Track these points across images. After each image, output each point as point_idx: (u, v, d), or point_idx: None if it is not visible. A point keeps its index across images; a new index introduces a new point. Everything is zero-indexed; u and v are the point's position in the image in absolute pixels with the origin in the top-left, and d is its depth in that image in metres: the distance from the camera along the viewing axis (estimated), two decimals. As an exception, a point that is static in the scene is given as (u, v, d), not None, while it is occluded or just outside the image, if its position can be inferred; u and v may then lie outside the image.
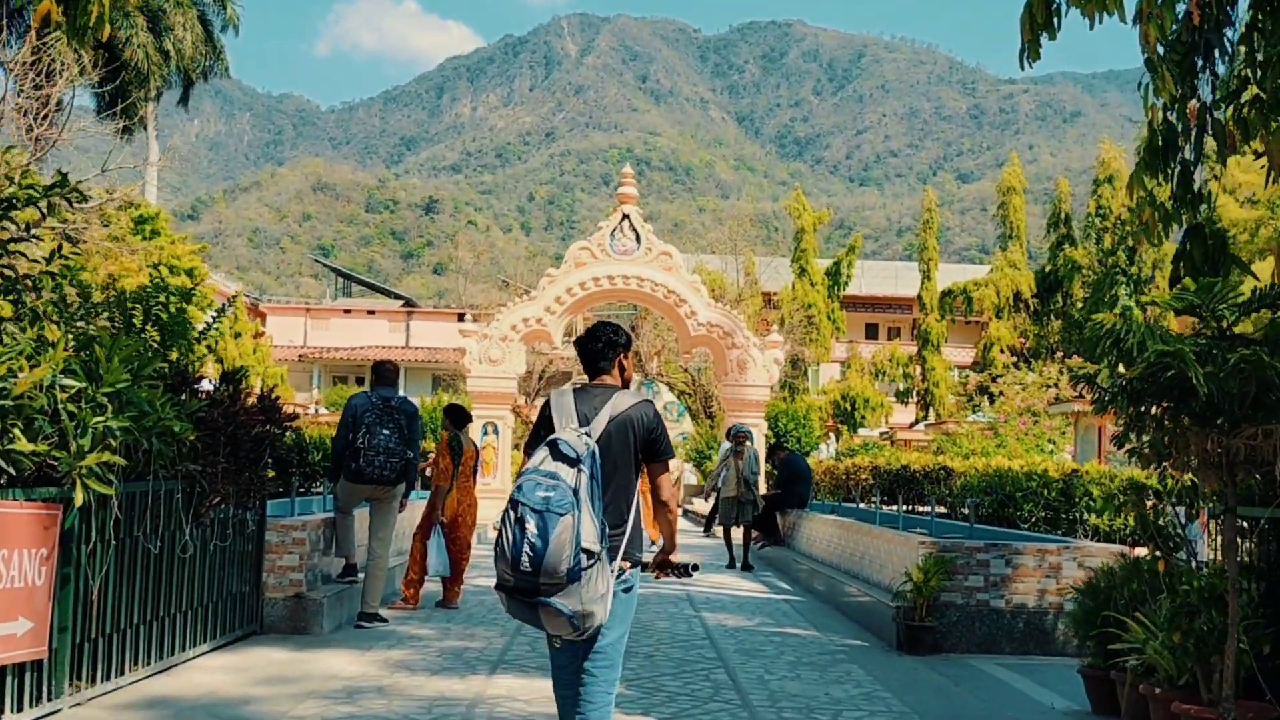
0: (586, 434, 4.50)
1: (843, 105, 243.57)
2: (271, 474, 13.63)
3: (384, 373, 9.92)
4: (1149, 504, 6.92)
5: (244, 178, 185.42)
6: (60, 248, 6.89)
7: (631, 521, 4.64)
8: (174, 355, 8.61)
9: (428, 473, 11.18)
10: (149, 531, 6.92)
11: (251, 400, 8.30)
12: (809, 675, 7.84)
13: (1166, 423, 5.24)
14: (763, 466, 17.56)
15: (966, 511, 18.45)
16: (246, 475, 8.07)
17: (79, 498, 5.86)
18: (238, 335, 44.94)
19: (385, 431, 9.44)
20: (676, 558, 4.89)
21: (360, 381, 57.77)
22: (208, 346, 30.79)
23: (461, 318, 49.00)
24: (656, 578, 4.97)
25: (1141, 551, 17.05)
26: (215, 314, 8.76)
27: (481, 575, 13.70)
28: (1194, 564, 6.01)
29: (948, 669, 8.30)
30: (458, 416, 11.09)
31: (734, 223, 51.75)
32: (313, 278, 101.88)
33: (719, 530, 21.51)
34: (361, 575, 9.84)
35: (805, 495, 17.35)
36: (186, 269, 37.28)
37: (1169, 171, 5.77)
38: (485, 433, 23.17)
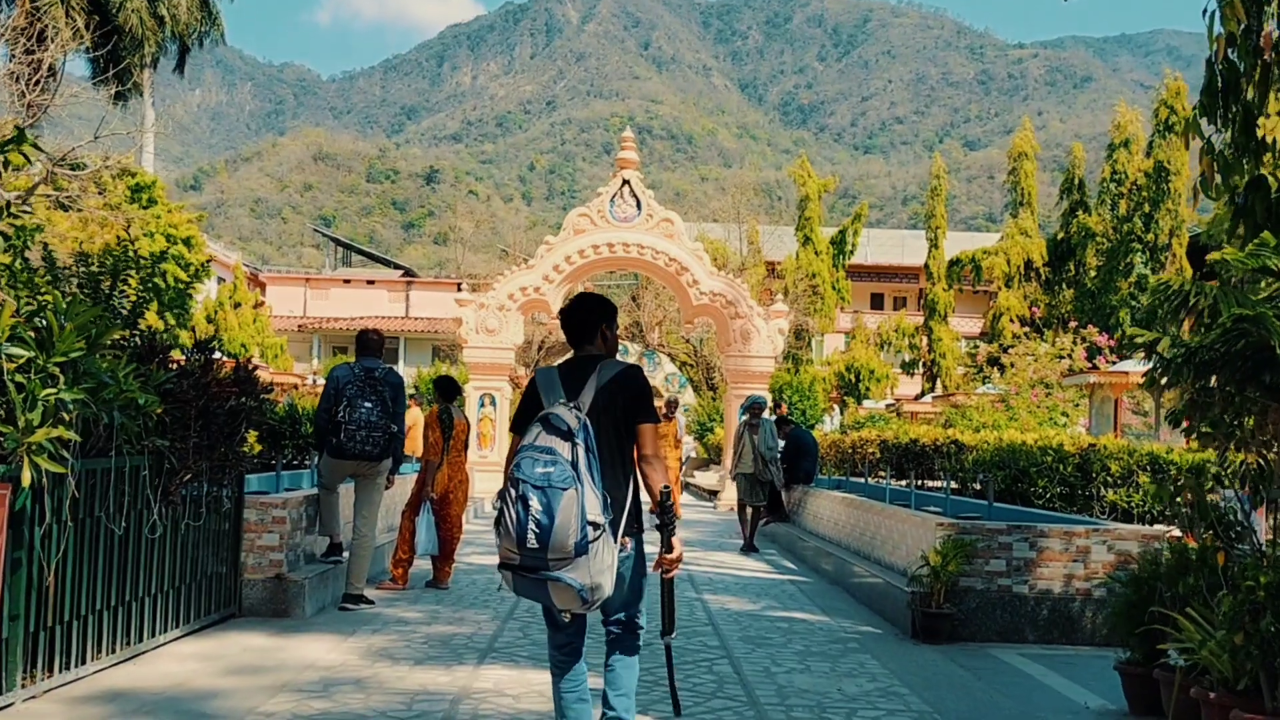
0: (576, 407, 4.50)
1: (848, 71, 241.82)
2: (257, 446, 13.18)
3: (368, 342, 9.35)
4: (1171, 480, 6.40)
5: (245, 147, 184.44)
6: (8, 205, 6.34)
7: (630, 491, 4.66)
8: (146, 323, 8.12)
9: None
10: (112, 511, 6.41)
11: (226, 371, 7.77)
12: (819, 667, 7.34)
13: (1236, 398, 4.70)
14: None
15: (979, 487, 17.98)
16: (221, 450, 7.56)
17: (26, 477, 5.36)
18: (237, 305, 44.65)
19: (367, 405, 8.90)
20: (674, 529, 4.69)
21: (360, 352, 57.24)
22: (207, 316, 30.17)
23: (460, 288, 48.79)
24: (669, 574, 4.70)
25: (1160, 528, 16.57)
26: (187, 282, 8.16)
27: (475, 553, 13.25)
28: (1259, 557, 5.45)
29: (968, 660, 7.80)
30: (448, 389, 10.57)
31: (737, 191, 51.04)
32: (314, 248, 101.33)
33: (729, 500, 20.79)
34: (346, 555, 9.35)
35: (811, 471, 16.81)
36: (184, 238, 36.84)
37: (1229, 116, 5.20)
38: (482, 404, 22.68)
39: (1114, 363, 27.17)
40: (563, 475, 4.25)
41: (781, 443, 16.20)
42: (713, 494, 24.73)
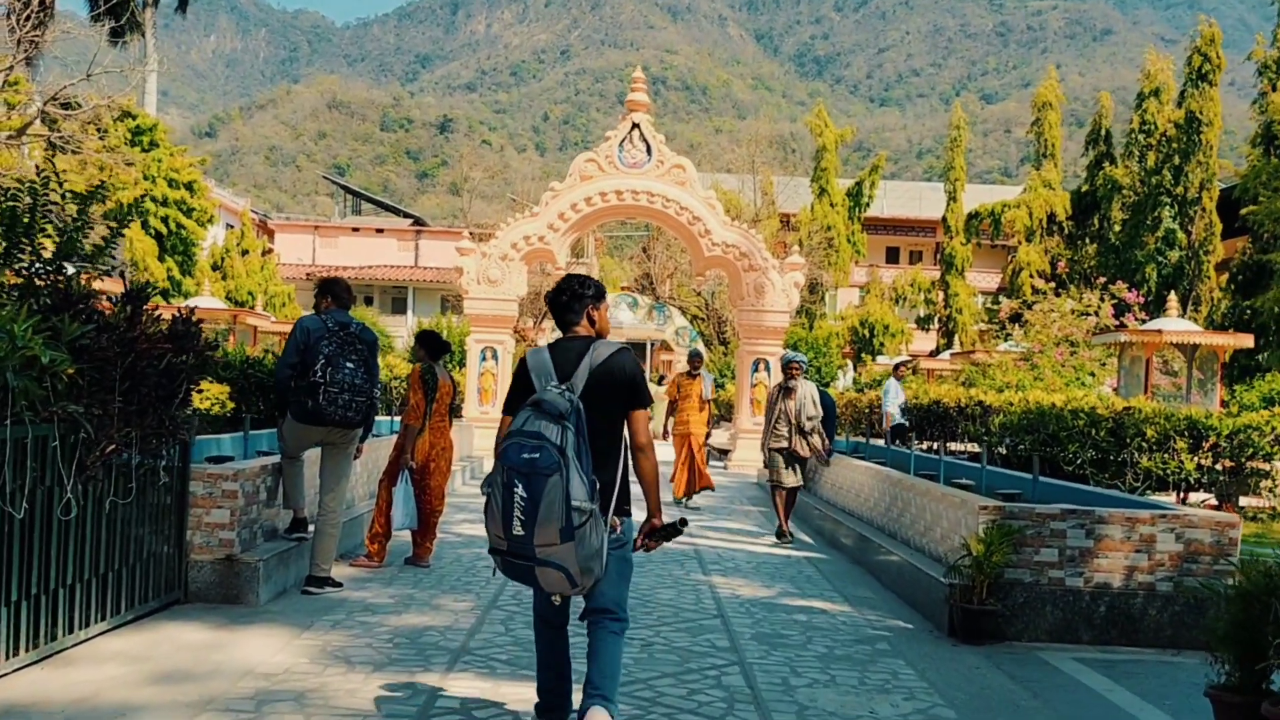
0: (568, 389, 4.48)
1: (864, 22, 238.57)
2: (229, 404, 12.15)
3: (339, 292, 8.19)
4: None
5: (260, 95, 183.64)
6: None
7: (621, 474, 4.62)
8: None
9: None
10: (9, 489, 5.36)
11: (163, 325, 6.69)
12: (846, 677, 6.28)
13: None
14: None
15: (1005, 451, 16.94)
16: (154, 416, 6.50)
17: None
18: (245, 252, 43.69)
19: (349, 365, 7.77)
20: (661, 520, 4.80)
21: (369, 302, 56.39)
22: (213, 263, 29.28)
23: (471, 237, 47.85)
24: (649, 550, 4.81)
25: (1195, 497, 15.40)
26: (119, 219, 7.04)
27: (465, 521, 12.25)
28: None
29: (1019, 669, 6.74)
30: (433, 345, 9.48)
31: (751, 142, 49.75)
32: (328, 196, 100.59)
33: (740, 460, 19.50)
34: (313, 530, 8.30)
35: (830, 434, 15.63)
36: (186, 182, 35.83)
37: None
38: (484, 358, 21.64)
39: (1143, 320, 26.04)
40: (548, 460, 4.23)
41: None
42: (723, 453, 23.68)
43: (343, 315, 8.06)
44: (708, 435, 15.62)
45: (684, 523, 4.82)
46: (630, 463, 4.75)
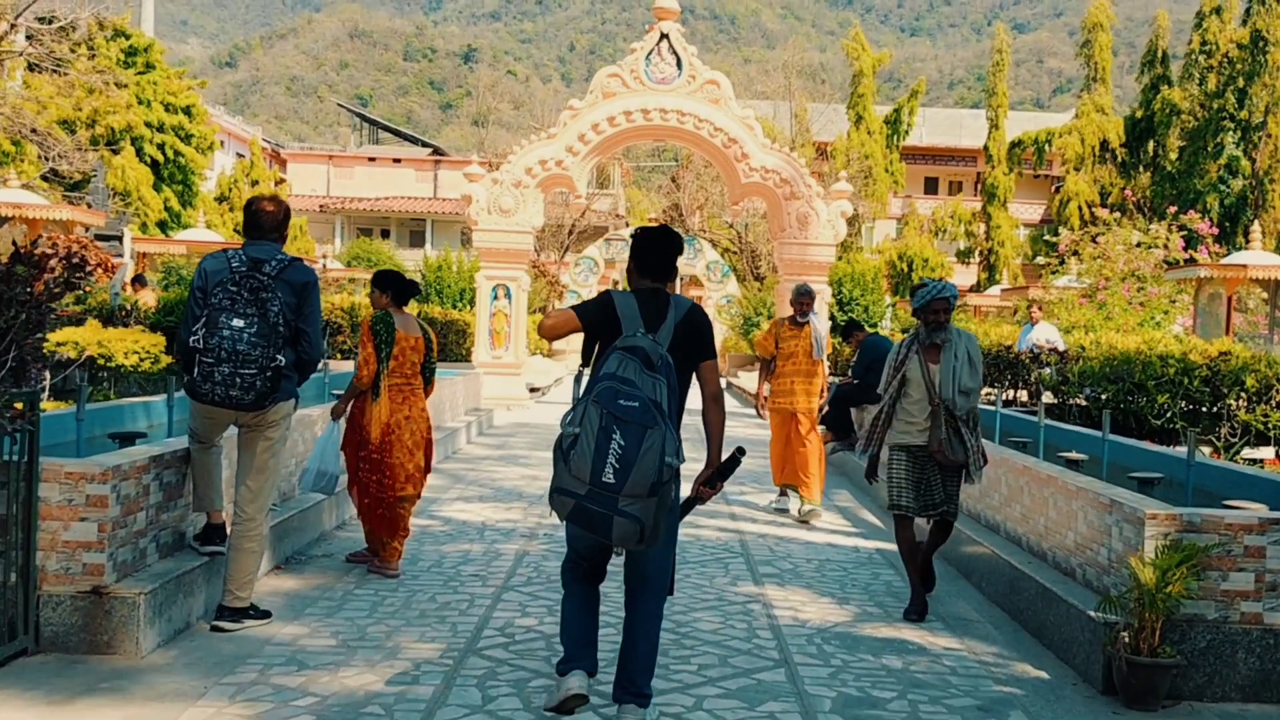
0: (656, 341, 4.36)
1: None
2: (165, 359, 10.06)
3: (258, 217, 5.87)
4: None
5: (281, 24, 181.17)
6: None
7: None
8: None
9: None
10: None
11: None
12: (986, 793, 4.16)
13: None
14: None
15: (1083, 403, 14.81)
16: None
17: None
18: (255, 183, 41.74)
19: (237, 322, 5.48)
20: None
21: (386, 235, 54.32)
22: (219, 195, 27.22)
23: (492, 168, 45.61)
24: (707, 497, 4.64)
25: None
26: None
27: (459, 499, 10.09)
28: None
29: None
30: (399, 288, 7.30)
31: (786, 66, 47.29)
32: (350, 128, 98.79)
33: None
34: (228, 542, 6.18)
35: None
36: (184, 106, 33.67)
37: None
38: (495, 296, 19.53)
39: (1217, 255, 23.69)
40: (646, 413, 4.09)
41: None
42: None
43: (262, 249, 5.79)
44: (822, 411, 10.35)
45: (742, 451, 4.62)
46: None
